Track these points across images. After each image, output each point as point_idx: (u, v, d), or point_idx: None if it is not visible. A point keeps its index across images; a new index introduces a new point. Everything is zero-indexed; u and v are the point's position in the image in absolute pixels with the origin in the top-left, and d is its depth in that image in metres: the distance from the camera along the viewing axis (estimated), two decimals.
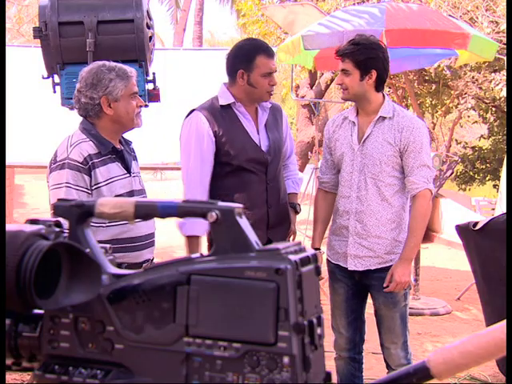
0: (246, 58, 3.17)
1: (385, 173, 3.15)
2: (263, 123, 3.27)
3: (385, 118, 3.17)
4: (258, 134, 3.24)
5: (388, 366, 3.33)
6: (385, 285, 3.15)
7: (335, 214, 3.30)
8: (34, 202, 13.68)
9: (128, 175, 2.85)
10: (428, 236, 9.32)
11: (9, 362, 0.81)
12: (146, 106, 3.59)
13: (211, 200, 0.80)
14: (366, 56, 3.12)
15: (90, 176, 2.74)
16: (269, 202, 3.21)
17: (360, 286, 3.29)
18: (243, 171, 3.18)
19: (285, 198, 3.36)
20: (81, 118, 2.90)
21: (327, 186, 3.37)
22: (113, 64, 2.80)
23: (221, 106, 3.19)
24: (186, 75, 6.50)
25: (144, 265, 2.86)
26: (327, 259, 3.35)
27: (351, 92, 3.17)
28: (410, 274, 3.17)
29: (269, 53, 3.20)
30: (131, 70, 2.85)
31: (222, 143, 3.15)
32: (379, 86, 3.19)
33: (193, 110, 3.22)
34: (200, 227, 3.07)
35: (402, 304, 3.22)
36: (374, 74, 3.12)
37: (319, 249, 3.37)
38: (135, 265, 2.76)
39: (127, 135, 2.98)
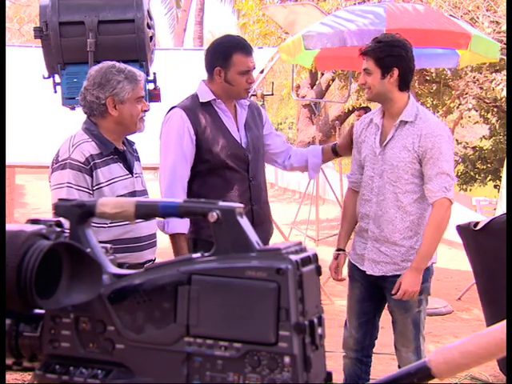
0: (223, 55, 3.13)
1: (403, 180, 3.07)
2: (243, 121, 3.25)
3: (406, 122, 3.08)
4: (238, 131, 3.23)
5: (399, 368, 3.30)
6: (393, 292, 3.10)
7: (358, 215, 3.27)
8: (34, 202, 13.69)
9: (130, 176, 2.85)
10: None
11: (10, 361, 0.81)
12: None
13: (212, 200, 0.79)
14: (386, 54, 3.04)
15: (92, 176, 2.74)
16: (252, 200, 3.19)
17: (376, 289, 3.26)
18: (225, 169, 3.15)
19: (266, 197, 3.34)
20: (83, 118, 2.91)
21: (356, 186, 3.31)
22: (123, 66, 2.81)
23: (201, 103, 3.17)
24: (187, 75, 6.50)
25: (146, 265, 2.86)
26: (349, 258, 3.33)
27: (373, 91, 3.09)
28: (420, 283, 3.08)
29: (246, 50, 3.16)
30: (140, 73, 2.86)
31: (204, 141, 3.12)
32: (403, 86, 3.09)
33: (173, 107, 3.20)
34: (182, 225, 3.05)
35: (414, 310, 3.17)
36: (395, 72, 3.04)
37: (344, 250, 3.33)
38: (137, 265, 2.76)
39: (129, 136, 2.98)
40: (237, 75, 3.13)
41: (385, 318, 5.95)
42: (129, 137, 2.99)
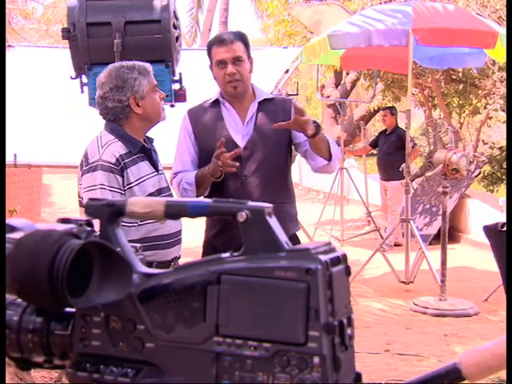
0: (208, 51, 3.19)
1: None
2: (250, 116, 3.18)
3: None
4: (243, 127, 3.20)
5: None
6: None
7: None
8: (61, 201, 13.81)
9: (156, 173, 2.87)
10: (454, 237, 9.24)
11: (41, 359, 0.82)
12: (173, 105, 3.62)
13: (241, 200, 0.80)
14: None
15: (123, 176, 2.75)
16: (244, 198, 3.08)
17: None
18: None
19: (275, 199, 2.98)
20: None
21: None
22: (130, 63, 2.83)
23: (210, 103, 3.23)
24: (211, 75, 6.51)
25: (173, 263, 2.88)
26: None
27: None
28: None
29: (220, 41, 3.13)
30: (148, 64, 2.89)
31: (201, 139, 3.18)
32: None
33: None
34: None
35: None
36: None
37: None
38: (165, 262, 2.78)
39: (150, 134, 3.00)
40: (216, 69, 3.15)
41: (411, 320, 5.93)
42: (150, 134, 3.00)
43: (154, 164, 2.89)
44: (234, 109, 3.21)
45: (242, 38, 3.16)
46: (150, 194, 2.77)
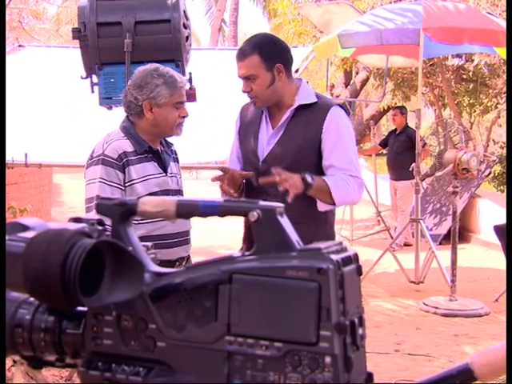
0: None
1: None
2: (279, 125, 2.94)
3: None
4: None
5: None
6: None
7: None
8: (71, 201, 13.87)
9: (164, 174, 2.89)
10: (464, 237, 9.20)
11: (53, 358, 0.82)
12: None
13: (252, 199, 0.80)
14: None
15: (124, 173, 2.80)
16: None
17: None
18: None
19: (298, 218, 2.70)
20: (119, 118, 2.95)
21: None
22: (166, 70, 2.84)
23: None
24: (222, 75, 6.52)
25: (177, 263, 2.90)
26: None
27: None
28: None
29: (237, 54, 2.93)
30: (182, 79, 2.88)
31: (241, 139, 3.09)
32: None
33: None
34: None
35: None
36: None
37: None
38: (168, 262, 2.79)
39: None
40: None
41: (421, 320, 5.91)
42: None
43: (164, 166, 2.91)
44: (268, 114, 3.01)
45: (259, 48, 2.86)
46: (153, 194, 2.79)
